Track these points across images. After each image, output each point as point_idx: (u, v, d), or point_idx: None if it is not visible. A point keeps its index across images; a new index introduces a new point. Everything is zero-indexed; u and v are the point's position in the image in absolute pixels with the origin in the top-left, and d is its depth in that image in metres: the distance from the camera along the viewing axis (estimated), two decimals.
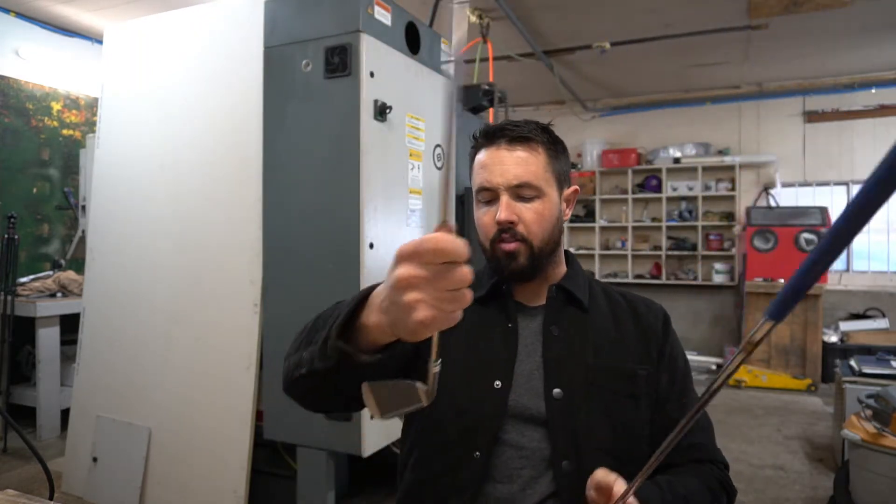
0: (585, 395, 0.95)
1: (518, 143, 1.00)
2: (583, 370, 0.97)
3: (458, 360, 0.99)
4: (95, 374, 2.67)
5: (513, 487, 0.93)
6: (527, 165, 0.98)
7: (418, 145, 2.45)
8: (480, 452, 0.94)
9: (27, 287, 3.61)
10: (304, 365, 0.77)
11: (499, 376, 0.97)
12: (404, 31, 2.38)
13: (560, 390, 0.95)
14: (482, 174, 1.01)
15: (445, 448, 0.97)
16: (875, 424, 2.36)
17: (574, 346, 0.99)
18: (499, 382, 0.96)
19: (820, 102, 5.80)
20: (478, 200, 1.03)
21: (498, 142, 1.00)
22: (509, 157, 0.99)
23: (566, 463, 0.92)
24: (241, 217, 2.33)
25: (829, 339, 5.08)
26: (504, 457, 0.94)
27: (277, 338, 2.24)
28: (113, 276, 2.66)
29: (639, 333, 1.03)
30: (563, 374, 0.96)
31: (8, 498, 0.93)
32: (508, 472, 0.94)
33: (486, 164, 1.00)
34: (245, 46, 2.31)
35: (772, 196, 5.86)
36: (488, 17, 4.00)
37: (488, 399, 0.96)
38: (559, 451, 0.93)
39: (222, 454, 2.29)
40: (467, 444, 0.95)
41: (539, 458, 0.94)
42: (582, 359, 0.98)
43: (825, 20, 4.13)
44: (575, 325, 1.01)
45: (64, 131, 4.37)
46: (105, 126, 2.74)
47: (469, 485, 0.93)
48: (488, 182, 0.99)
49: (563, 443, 0.93)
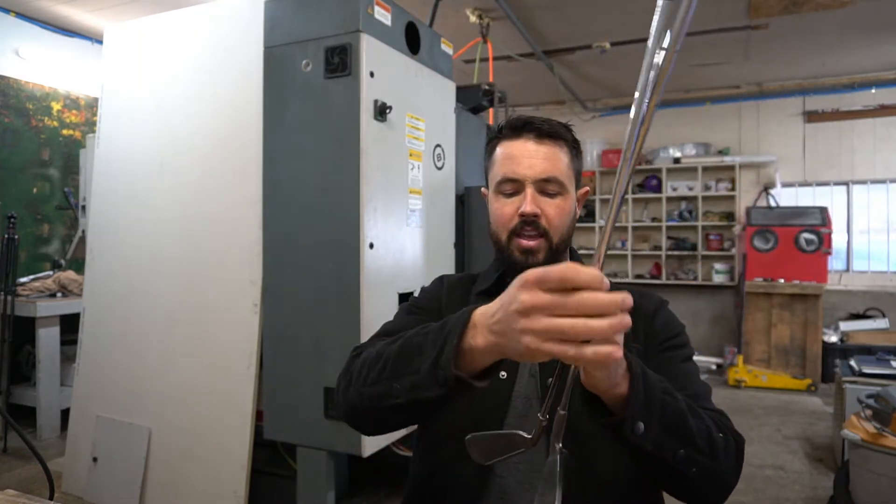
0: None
1: (546, 138, 1.00)
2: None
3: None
4: (95, 374, 2.67)
5: (512, 480, 0.94)
6: (554, 161, 0.99)
7: (418, 145, 2.45)
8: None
9: (27, 287, 3.61)
10: (399, 395, 0.77)
11: (503, 367, 0.96)
12: (404, 31, 2.38)
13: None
14: (508, 165, 1.00)
15: (453, 438, 0.96)
16: (875, 424, 2.36)
17: None
18: (504, 373, 0.97)
19: (820, 102, 5.80)
20: (497, 192, 1.02)
21: (526, 135, 1.00)
22: (537, 151, 0.99)
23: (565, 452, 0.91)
24: (241, 217, 2.33)
25: (829, 339, 5.08)
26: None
27: (277, 338, 2.24)
28: (113, 276, 2.66)
29: (639, 329, 1.01)
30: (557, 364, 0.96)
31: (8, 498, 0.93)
32: (508, 464, 0.93)
33: (512, 155, 1.00)
34: (245, 46, 2.31)
35: (772, 196, 5.86)
36: (488, 17, 4.00)
37: (494, 389, 0.96)
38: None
39: (222, 454, 2.29)
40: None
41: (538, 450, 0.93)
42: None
43: (825, 20, 4.13)
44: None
45: (64, 131, 4.37)
46: (105, 126, 2.74)
47: (474, 476, 0.94)
48: (514, 173, 0.99)
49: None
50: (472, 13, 3.95)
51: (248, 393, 2.26)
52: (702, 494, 0.83)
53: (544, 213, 0.98)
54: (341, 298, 2.12)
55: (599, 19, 4.17)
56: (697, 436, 0.78)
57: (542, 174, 0.98)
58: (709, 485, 0.81)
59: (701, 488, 0.81)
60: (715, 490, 0.83)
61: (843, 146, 5.74)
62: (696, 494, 0.83)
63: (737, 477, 0.84)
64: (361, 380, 0.84)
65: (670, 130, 6.31)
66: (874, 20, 4.17)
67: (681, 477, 0.78)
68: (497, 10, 3.87)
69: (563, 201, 1.00)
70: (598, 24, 4.28)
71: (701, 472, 0.78)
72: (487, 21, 4.00)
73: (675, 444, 0.76)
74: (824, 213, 5.47)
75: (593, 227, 6.58)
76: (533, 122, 1.01)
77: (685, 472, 0.77)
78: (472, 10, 3.93)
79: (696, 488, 0.81)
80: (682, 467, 0.76)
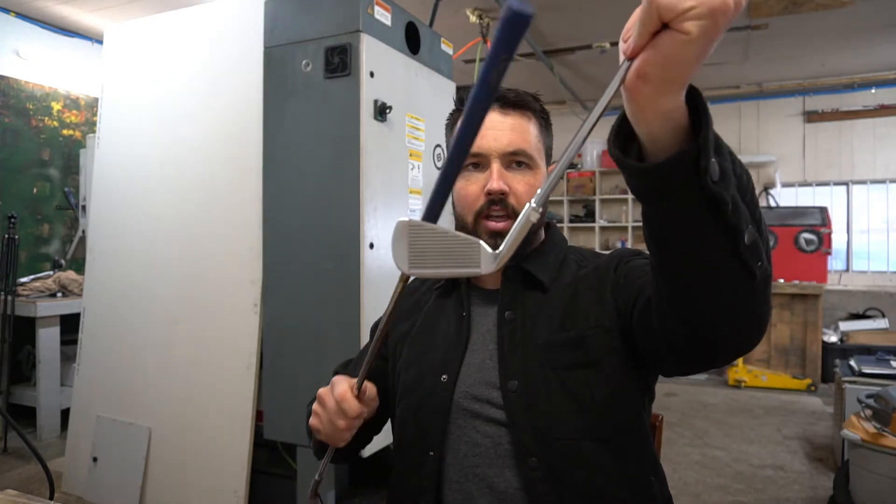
0: (543, 381, 0.86)
1: (511, 108, 0.92)
2: (536, 355, 0.87)
3: (416, 355, 0.97)
4: (95, 374, 2.67)
5: (471, 485, 0.88)
6: (521, 133, 0.91)
7: (418, 145, 2.45)
8: (434, 451, 0.90)
9: (27, 287, 3.61)
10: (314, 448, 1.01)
11: (446, 370, 0.92)
12: (404, 31, 2.38)
13: (516, 381, 0.86)
14: None
15: (406, 447, 0.96)
16: (875, 424, 2.36)
17: (527, 330, 0.89)
18: (445, 376, 0.91)
19: (820, 102, 5.80)
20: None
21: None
22: (502, 122, 0.91)
23: (533, 460, 0.83)
24: (241, 217, 2.33)
25: (829, 339, 5.08)
26: (460, 454, 0.89)
27: (277, 338, 2.25)
28: (113, 276, 2.66)
29: (596, 284, 0.91)
30: (516, 363, 0.88)
31: (8, 498, 0.93)
32: (465, 469, 0.88)
33: None
34: (245, 46, 2.32)
35: (772, 196, 5.86)
36: (488, 17, 4.00)
37: (435, 394, 0.91)
38: (525, 448, 0.84)
39: (222, 454, 2.29)
40: (423, 443, 0.91)
41: (500, 455, 0.87)
42: (535, 342, 0.88)
43: (825, 20, 4.14)
44: (533, 308, 0.92)
45: (64, 131, 4.37)
46: (105, 126, 2.74)
47: (429, 484, 0.89)
48: (478, 147, 0.90)
49: (528, 439, 0.84)
50: (472, 13, 3.95)
51: (248, 393, 2.26)
52: (756, 311, 0.62)
53: (513, 191, 0.90)
54: (341, 298, 2.12)
55: (599, 19, 4.17)
56: (762, 221, 0.59)
57: (508, 147, 0.90)
58: (765, 296, 0.61)
59: (758, 299, 0.60)
60: (767, 308, 0.62)
61: (843, 146, 5.75)
62: (748, 311, 0.61)
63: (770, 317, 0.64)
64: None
65: None
66: (874, 20, 4.17)
67: (742, 275, 0.57)
68: (497, 10, 3.87)
69: (533, 177, 0.92)
70: (598, 24, 4.28)
71: (764, 275, 0.59)
72: (487, 21, 4.00)
73: (747, 213, 0.56)
74: (824, 213, 5.47)
75: (593, 227, 6.57)
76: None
77: (751, 267, 0.57)
78: (472, 10, 3.94)
79: (754, 299, 0.60)
80: (749, 257, 0.56)
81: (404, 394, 0.98)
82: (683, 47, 0.44)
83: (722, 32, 0.44)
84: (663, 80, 0.47)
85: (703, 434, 3.74)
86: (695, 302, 0.62)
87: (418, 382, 0.95)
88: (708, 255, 0.57)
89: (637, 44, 0.46)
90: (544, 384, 0.86)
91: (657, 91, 0.48)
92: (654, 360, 0.82)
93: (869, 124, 5.65)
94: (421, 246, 0.60)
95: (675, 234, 0.58)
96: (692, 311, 0.63)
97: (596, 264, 0.95)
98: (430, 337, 0.98)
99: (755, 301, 0.61)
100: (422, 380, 0.95)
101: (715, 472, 3.08)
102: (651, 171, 0.53)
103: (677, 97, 0.49)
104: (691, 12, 0.43)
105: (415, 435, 0.94)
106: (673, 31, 0.44)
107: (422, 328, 1.01)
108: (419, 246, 0.60)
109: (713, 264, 0.57)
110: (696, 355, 0.69)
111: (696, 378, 5.22)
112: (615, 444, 0.85)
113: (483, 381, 0.90)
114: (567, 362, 0.86)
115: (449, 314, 0.98)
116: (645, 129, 0.52)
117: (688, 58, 0.45)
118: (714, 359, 0.70)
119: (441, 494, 0.90)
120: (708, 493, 2.83)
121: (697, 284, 0.60)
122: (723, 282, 0.58)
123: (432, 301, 1.04)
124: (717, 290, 0.59)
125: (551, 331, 0.89)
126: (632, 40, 0.47)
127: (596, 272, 0.93)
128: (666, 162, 0.51)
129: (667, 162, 0.51)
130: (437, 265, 0.59)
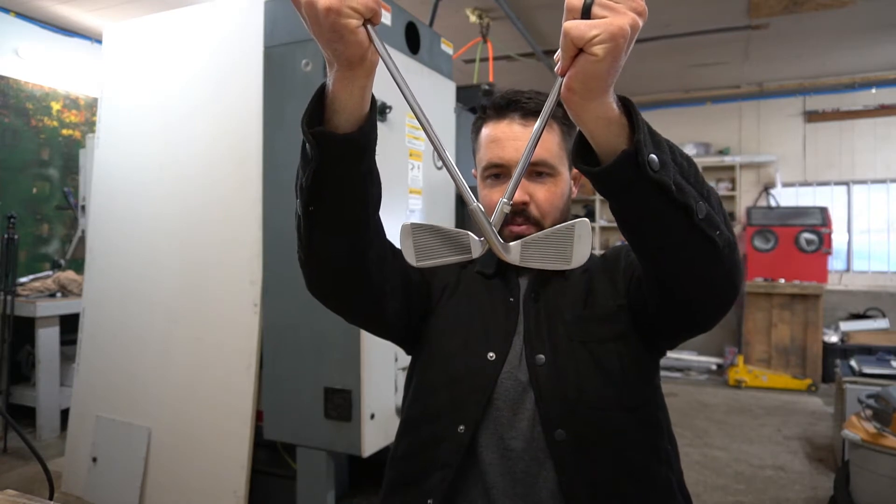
0: (572, 354, 0.90)
1: (533, 117, 0.93)
2: (562, 329, 0.91)
3: (460, 329, 0.97)
4: (95, 374, 2.67)
5: (502, 465, 0.89)
6: (542, 142, 0.91)
7: (418, 145, 2.45)
8: (466, 426, 0.89)
9: (27, 287, 3.61)
10: (303, 185, 0.79)
11: (494, 349, 0.92)
12: (404, 31, 2.38)
13: (542, 356, 0.90)
14: (492, 149, 0.95)
15: (433, 417, 0.94)
16: (875, 424, 2.36)
17: (552, 308, 0.94)
18: (492, 354, 0.92)
19: (820, 102, 5.80)
20: (484, 178, 0.97)
21: (510, 115, 0.95)
22: (523, 132, 0.93)
23: (560, 432, 0.86)
24: (241, 216, 2.33)
25: (830, 339, 5.08)
26: (489, 431, 0.90)
27: (277, 338, 2.24)
28: (113, 276, 2.66)
29: (609, 269, 0.98)
30: (542, 339, 0.91)
31: (8, 498, 0.93)
32: (496, 447, 0.89)
33: (497, 138, 0.94)
34: (245, 46, 2.31)
35: (772, 196, 5.86)
36: (488, 17, 4.00)
37: (481, 371, 0.92)
38: (552, 421, 0.87)
39: (222, 454, 2.29)
40: (454, 416, 0.91)
41: (529, 431, 0.88)
42: (561, 318, 0.93)
43: (825, 20, 4.13)
44: (556, 289, 0.96)
45: (64, 131, 4.37)
46: (105, 126, 2.74)
47: (452, 459, 0.89)
48: (499, 158, 0.93)
49: (555, 412, 0.87)
50: (472, 13, 3.95)
51: (248, 393, 2.26)
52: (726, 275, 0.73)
53: (534, 200, 0.93)
54: None
55: None
56: (712, 195, 0.70)
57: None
58: (733, 261, 0.72)
59: (725, 264, 0.71)
60: (737, 271, 0.74)
61: (843, 146, 5.74)
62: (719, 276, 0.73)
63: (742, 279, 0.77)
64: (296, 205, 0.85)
65: (670, 130, 6.28)
66: (874, 20, 4.17)
67: (706, 245, 0.68)
68: (497, 9, 3.86)
69: (555, 184, 0.94)
70: None
71: (726, 241, 0.70)
72: (487, 21, 4.00)
73: (694, 191, 0.67)
74: (824, 213, 5.47)
75: (593, 227, 6.57)
76: (518, 100, 0.95)
77: (711, 237, 0.68)
78: (472, 10, 3.93)
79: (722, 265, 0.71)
80: (707, 228, 0.67)
81: (442, 358, 0.96)
82: (595, 65, 0.57)
83: (624, 50, 0.57)
84: (586, 90, 0.60)
85: (703, 434, 3.73)
86: (672, 274, 0.75)
87: (464, 354, 0.94)
88: (670, 232, 0.69)
89: (563, 65, 0.59)
90: (573, 357, 0.90)
91: (584, 99, 0.61)
92: (650, 335, 0.91)
93: (869, 124, 5.64)
94: (423, 242, 0.73)
95: (639, 219, 0.70)
96: (673, 282, 0.76)
97: (603, 255, 1.04)
98: (476, 313, 0.98)
99: (722, 265, 0.72)
100: (467, 352, 0.94)
101: (715, 472, 3.08)
102: (602, 172, 0.65)
103: (604, 102, 0.62)
104: (596, 38, 0.55)
105: (447, 405, 0.92)
106: (586, 54, 0.57)
107: (467, 302, 1.00)
108: (421, 242, 0.73)
109: (678, 239, 0.69)
110: (682, 320, 0.83)
111: (697, 378, 5.22)
112: (641, 414, 0.90)
113: (521, 365, 0.92)
114: (600, 335, 0.92)
115: (495, 297, 0.99)
116: (589, 132, 0.65)
117: (601, 72, 0.58)
118: (696, 321, 0.83)
119: (464, 469, 0.89)
120: (708, 493, 2.83)
121: (670, 258, 0.72)
122: (690, 252, 0.70)
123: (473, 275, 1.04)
124: (688, 260, 0.71)
125: (576, 308, 0.94)
126: (559, 62, 0.60)
127: (604, 261, 1.01)
128: (613, 163, 0.64)
129: (614, 163, 0.64)
130: (439, 255, 0.73)
